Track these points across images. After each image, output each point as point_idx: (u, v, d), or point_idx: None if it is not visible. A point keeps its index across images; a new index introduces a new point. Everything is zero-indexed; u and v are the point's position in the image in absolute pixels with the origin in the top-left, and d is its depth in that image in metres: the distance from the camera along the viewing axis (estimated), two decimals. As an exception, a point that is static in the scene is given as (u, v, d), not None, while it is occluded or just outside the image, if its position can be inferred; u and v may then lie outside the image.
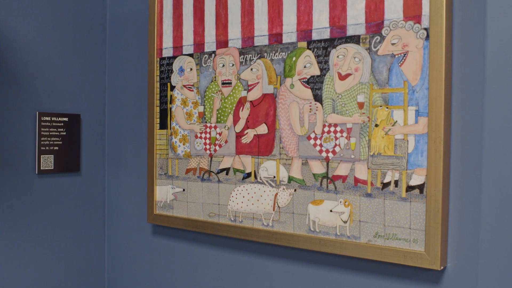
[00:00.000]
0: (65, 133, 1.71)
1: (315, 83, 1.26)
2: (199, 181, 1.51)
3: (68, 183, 1.74)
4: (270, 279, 1.40)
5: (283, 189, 1.32)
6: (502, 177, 1.00)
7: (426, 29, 1.08)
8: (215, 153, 1.47)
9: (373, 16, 1.16)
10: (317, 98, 1.25)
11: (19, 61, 1.59)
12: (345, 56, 1.20)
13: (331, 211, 1.23)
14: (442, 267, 1.08)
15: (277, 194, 1.33)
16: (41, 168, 1.64)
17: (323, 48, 1.24)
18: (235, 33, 1.41)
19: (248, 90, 1.39)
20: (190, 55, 1.53)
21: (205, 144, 1.49)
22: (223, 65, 1.45)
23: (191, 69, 1.52)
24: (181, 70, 1.55)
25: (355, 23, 1.19)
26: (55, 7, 1.69)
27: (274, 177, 1.34)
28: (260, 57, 1.36)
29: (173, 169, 1.57)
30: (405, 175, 1.12)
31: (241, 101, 1.41)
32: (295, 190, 1.30)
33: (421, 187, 1.10)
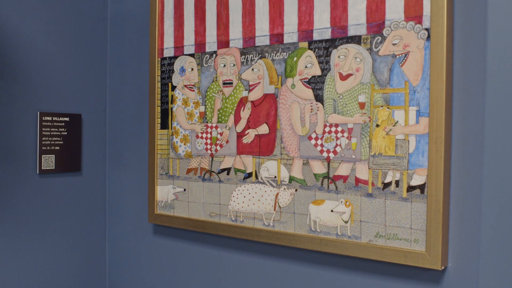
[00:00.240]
0: (66, 133, 1.71)
1: (316, 83, 1.26)
2: (200, 181, 1.51)
3: (69, 183, 1.74)
4: (271, 279, 1.40)
5: (284, 189, 1.32)
6: (503, 177, 1.00)
7: (427, 29, 1.09)
8: (216, 153, 1.47)
9: (374, 16, 1.16)
10: (318, 98, 1.26)
11: (20, 61, 1.60)
12: (346, 56, 1.21)
13: (332, 211, 1.23)
14: (443, 267, 1.08)
15: (278, 194, 1.33)
16: (42, 168, 1.64)
17: (324, 48, 1.24)
18: (236, 33, 1.42)
19: (249, 90, 1.39)
20: (191, 55, 1.53)
21: (206, 144, 1.49)
22: (224, 65, 1.45)
23: (192, 69, 1.53)
24: (182, 70, 1.55)
25: (356, 23, 1.19)
26: (56, 7, 1.69)
27: (275, 177, 1.34)
28: (261, 57, 1.37)
29: (174, 169, 1.58)
30: (406, 175, 1.12)
31: (242, 101, 1.41)
32: (296, 190, 1.30)
33: (422, 187, 1.10)
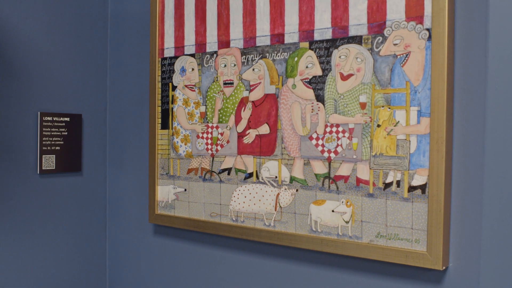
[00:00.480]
0: (66, 133, 1.71)
1: (317, 83, 1.26)
2: (201, 181, 1.51)
3: (69, 183, 1.74)
4: (271, 279, 1.40)
5: (285, 189, 1.32)
6: (504, 177, 1.00)
7: (428, 29, 1.09)
8: (216, 153, 1.47)
9: (375, 16, 1.16)
10: (319, 98, 1.26)
11: (20, 61, 1.60)
12: (347, 56, 1.21)
13: (333, 211, 1.23)
14: (444, 267, 1.08)
15: (279, 194, 1.33)
16: (42, 168, 1.64)
17: (325, 48, 1.24)
18: (237, 33, 1.42)
19: (250, 90, 1.39)
20: (192, 55, 1.53)
21: (207, 144, 1.49)
22: (225, 65, 1.45)
23: (193, 69, 1.53)
24: (183, 70, 1.55)
25: (357, 23, 1.19)
26: (56, 7, 1.69)
27: (276, 177, 1.34)
28: (262, 57, 1.37)
29: (174, 169, 1.58)
30: (407, 175, 1.12)
31: (243, 101, 1.41)
32: (297, 190, 1.30)
33: (423, 187, 1.10)
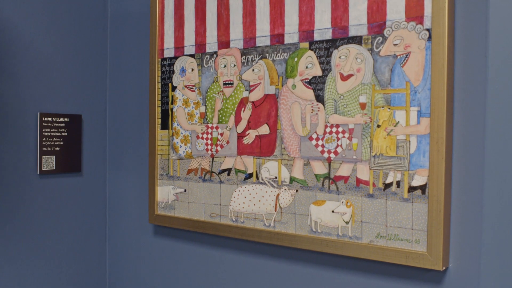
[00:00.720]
0: (66, 134, 1.71)
1: (317, 84, 1.26)
2: (201, 181, 1.51)
3: (69, 184, 1.74)
4: (271, 279, 1.40)
5: (285, 189, 1.32)
6: (504, 178, 1.00)
7: (428, 29, 1.08)
8: (216, 153, 1.47)
9: (375, 16, 1.16)
10: (319, 98, 1.25)
11: (20, 61, 1.59)
12: (347, 56, 1.21)
13: (333, 212, 1.23)
14: (444, 268, 1.08)
15: (278, 194, 1.33)
16: (42, 168, 1.64)
17: (325, 48, 1.24)
18: (236, 33, 1.42)
19: (249, 90, 1.39)
20: (191, 56, 1.53)
21: (207, 144, 1.49)
22: (225, 66, 1.45)
23: (193, 70, 1.53)
24: (183, 70, 1.55)
25: (357, 23, 1.19)
26: (56, 8, 1.69)
27: (275, 178, 1.34)
28: (261, 58, 1.37)
29: (174, 169, 1.57)
30: (407, 176, 1.12)
31: (243, 102, 1.41)
32: (297, 190, 1.30)
33: (423, 188, 1.10)
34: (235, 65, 1.42)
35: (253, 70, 1.38)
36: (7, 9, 1.56)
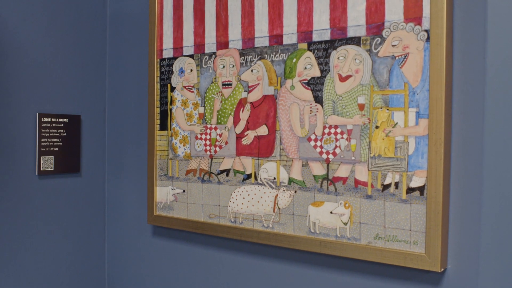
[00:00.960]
0: (65, 134, 1.71)
1: (315, 85, 1.26)
2: (199, 182, 1.50)
3: (68, 184, 1.74)
4: (270, 280, 1.40)
5: (283, 190, 1.32)
6: (502, 179, 1.00)
7: (426, 30, 1.08)
8: (215, 154, 1.47)
9: (373, 17, 1.16)
10: (318, 99, 1.25)
11: (19, 62, 1.59)
12: (346, 57, 1.20)
13: (331, 213, 1.23)
14: (442, 269, 1.08)
15: (277, 195, 1.33)
16: (41, 169, 1.64)
17: (324, 49, 1.24)
18: (235, 34, 1.41)
19: (248, 91, 1.39)
20: (190, 56, 1.53)
21: (205, 145, 1.49)
22: (224, 66, 1.44)
23: (192, 70, 1.52)
24: (182, 71, 1.55)
25: (356, 24, 1.19)
26: (55, 8, 1.69)
27: (274, 179, 1.34)
28: (260, 58, 1.36)
29: (173, 170, 1.57)
30: (405, 177, 1.12)
31: (242, 103, 1.41)
32: (295, 191, 1.30)
33: (421, 189, 1.10)
34: (233, 66, 1.42)
35: (252, 70, 1.38)
36: (5, 9, 1.56)
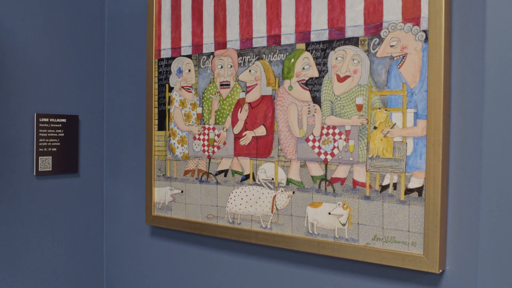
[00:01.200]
0: (63, 135, 1.70)
1: (313, 85, 1.25)
2: (198, 182, 1.50)
3: (66, 185, 1.74)
4: (268, 281, 1.39)
5: (282, 191, 1.32)
6: (501, 180, 0.99)
7: (425, 31, 1.08)
8: (213, 154, 1.46)
9: (371, 18, 1.16)
10: (316, 100, 1.25)
11: (17, 62, 1.59)
12: (344, 58, 1.20)
13: (329, 214, 1.23)
14: (440, 270, 1.08)
15: (275, 196, 1.33)
16: (39, 169, 1.64)
17: (322, 50, 1.24)
18: (233, 34, 1.41)
19: (246, 91, 1.39)
20: (188, 56, 1.52)
21: (204, 145, 1.49)
22: (222, 67, 1.44)
23: (190, 70, 1.52)
24: (180, 71, 1.54)
25: (354, 24, 1.18)
26: (53, 8, 1.68)
27: (272, 179, 1.34)
28: (258, 59, 1.36)
29: (171, 170, 1.57)
30: (403, 178, 1.11)
31: (240, 103, 1.40)
32: (294, 192, 1.29)
33: (419, 190, 1.09)
34: (231, 66, 1.42)
35: (250, 71, 1.38)
36: (3, 9, 1.55)
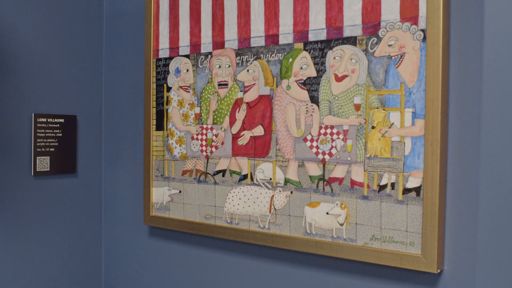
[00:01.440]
0: (61, 135, 1.70)
1: (311, 85, 1.25)
2: (196, 182, 1.50)
3: (64, 185, 1.73)
4: (266, 281, 1.39)
5: (280, 191, 1.31)
6: (499, 180, 0.99)
7: (423, 30, 1.08)
8: (211, 154, 1.46)
9: (369, 17, 1.15)
10: (314, 99, 1.25)
11: (14, 61, 1.59)
12: (342, 57, 1.20)
13: (327, 214, 1.22)
14: (439, 270, 1.07)
15: (273, 196, 1.32)
16: (37, 169, 1.63)
17: (320, 49, 1.23)
18: (231, 34, 1.41)
19: (244, 91, 1.39)
20: (186, 56, 1.52)
21: (202, 145, 1.48)
22: (220, 66, 1.44)
23: (188, 70, 1.52)
24: (178, 71, 1.54)
25: (352, 24, 1.18)
26: (51, 8, 1.68)
27: (270, 179, 1.33)
28: (256, 58, 1.36)
29: (169, 170, 1.57)
30: (401, 178, 1.11)
31: (238, 103, 1.40)
32: (292, 192, 1.29)
33: (417, 190, 1.09)
34: (229, 66, 1.42)
35: (248, 70, 1.38)
36: (1, 8, 1.55)
